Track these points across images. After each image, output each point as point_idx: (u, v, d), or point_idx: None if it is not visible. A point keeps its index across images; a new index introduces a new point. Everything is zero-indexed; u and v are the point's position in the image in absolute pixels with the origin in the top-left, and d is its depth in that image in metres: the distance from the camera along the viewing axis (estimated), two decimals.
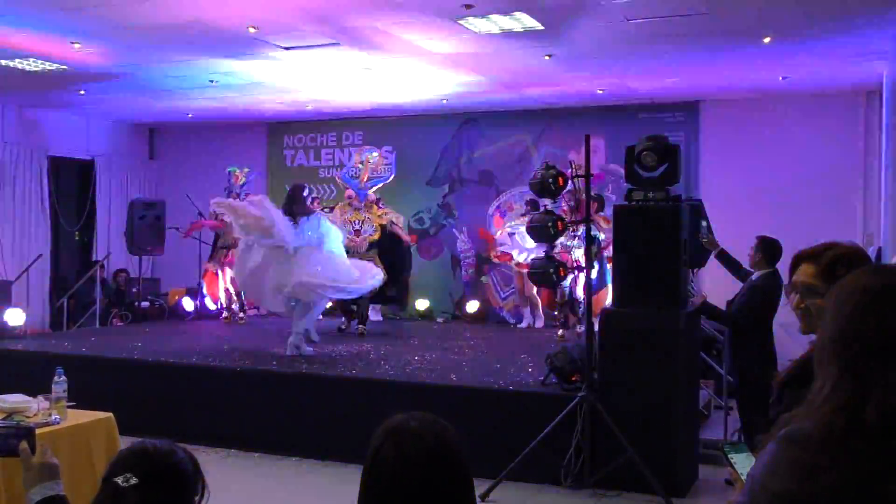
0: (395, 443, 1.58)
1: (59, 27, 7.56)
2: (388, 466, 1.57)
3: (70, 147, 12.68)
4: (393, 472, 1.56)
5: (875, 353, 1.25)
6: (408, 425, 1.61)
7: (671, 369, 5.77)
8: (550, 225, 6.75)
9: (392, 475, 1.56)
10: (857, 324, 1.28)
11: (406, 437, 1.59)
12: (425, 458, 1.56)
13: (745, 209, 9.75)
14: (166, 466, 1.74)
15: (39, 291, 11.92)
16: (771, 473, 1.27)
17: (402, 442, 1.58)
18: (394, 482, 1.56)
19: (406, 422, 1.62)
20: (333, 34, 7.70)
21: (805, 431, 1.26)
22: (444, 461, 1.58)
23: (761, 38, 7.65)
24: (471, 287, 11.90)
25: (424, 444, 1.58)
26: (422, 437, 1.59)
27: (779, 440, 1.29)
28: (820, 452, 1.22)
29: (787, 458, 1.26)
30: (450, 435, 1.62)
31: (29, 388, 4.57)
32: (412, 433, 1.59)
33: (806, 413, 1.30)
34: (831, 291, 1.38)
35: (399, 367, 7.30)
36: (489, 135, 11.93)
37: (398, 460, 1.56)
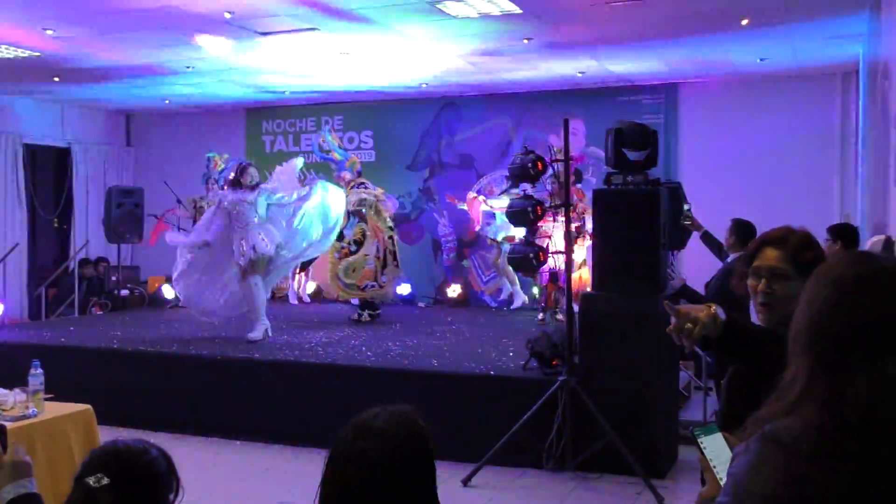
0: (358, 442, 1.58)
1: (32, 13, 7.45)
2: (351, 464, 1.57)
3: (45, 134, 12.53)
4: (353, 470, 1.57)
5: (846, 348, 1.21)
6: (373, 424, 1.61)
7: (651, 352, 5.80)
8: (530, 209, 6.77)
9: (352, 473, 1.57)
10: (828, 317, 1.25)
11: (370, 436, 1.59)
12: (386, 459, 1.56)
13: (723, 190, 9.80)
14: (138, 466, 1.73)
15: (17, 281, 11.81)
16: (756, 475, 1.24)
17: (365, 442, 1.58)
18: (353, 480, 1.57)
19: (373, 420, 1.62)
20: (310, 19, 7.64)
21: (791, 432, 1.22)
22: (405, 462, 1.58)
23: (739, 21, 7.67)
24: (452, 271, 11.90)
25: (387, 445, 1.57)
26: (385, 436, 1.58)
27: (762, 440, 1.26)
28: (807, 455, 1.20)
29: (772, 459, 1.23)
30: (416, 432, 1.62)
31: (6, 380, 4.53)
32: (377, 433, 1.59)
33: (783, 407, 1.27)
34: (808, 280, 1.34)
35: (380, 353, 7.30)
36: (469, 119, 11.90)
37: (358, 460, 1.57)
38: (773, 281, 2.27)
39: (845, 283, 1.26)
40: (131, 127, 14.05)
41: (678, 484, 5.78)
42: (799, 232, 2.33)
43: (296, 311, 10.42)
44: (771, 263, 2.28)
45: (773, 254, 2.29)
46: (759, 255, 2.31)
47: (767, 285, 2.28)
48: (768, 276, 2.28)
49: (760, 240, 2.37)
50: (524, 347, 6.53)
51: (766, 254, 2.30)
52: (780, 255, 2.28)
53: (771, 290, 2.27)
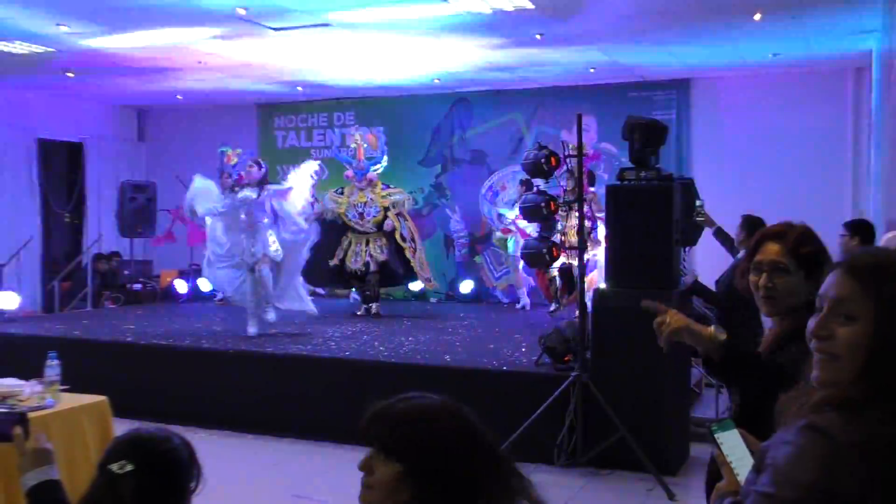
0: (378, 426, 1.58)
1: (46, 9, 7.49)
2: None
3: (59, 130, 12.60)
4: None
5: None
6: (392, 409, 1.61)
7: (661, 349, 5.78)
8: (543, 205, 6.77)
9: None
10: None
11: (386, 419, 1.58)
12: (406, 443, 1.55)
13: (736, 186, 9.76)
14: (161, 453, 1.74)
15: (31, 274, 11.89)
16: (798, 464, 1.26)
17: (383, 425, 1.57)
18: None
19: (389, 407, 1.61)
20: (323, 14, 7.65)
21: (836, 423, 1.26)
22: (423, 446, 1.56)
23: (752, 15, 7.63)
24: (464, 267, 11.91)
25: (404, 431, 1.56)
26: (403, 421, 1.57)
27: (806, 430, 1.28)
28: (851, 445, 1.23)
29: (816, 449, 1.25)
30: (440, 414, 1.60)
31: (22, 371, 4.56)
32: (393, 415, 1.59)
33: (826, 397, 1.30)
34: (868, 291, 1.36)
35: (392, 348, 7.32)
36: (481, 114, 11.90)
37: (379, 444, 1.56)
38: (774, 275, 2.32)
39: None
40: (144, 122, 14.11)
41: (690, 481, 5.77)
42: (798, 226, 2.37)
43: None
44: (771, 258, 2.33)
45: (773, 248, 2.33)
46: (759, 250, 2.36)
47: (768, 279, 2.32)
48: (769, 270, 2.33)
49: (760, 235, 2.41)
50: (536, 343, 6.53)
51: (767, 248, 2.35)
52: (779, 249, 2.33)
53: (772, 285, 2.32)
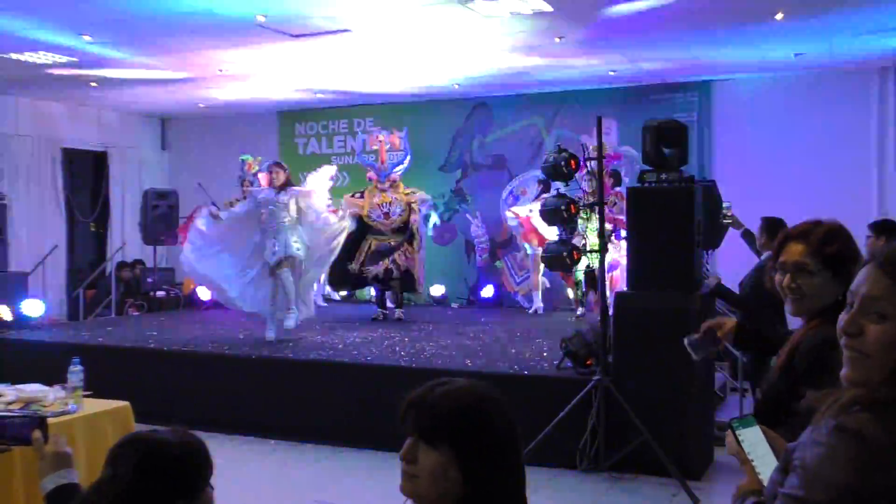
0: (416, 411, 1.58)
1: (70, 20, 7.57)
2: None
3: (83, 138, 12.74)
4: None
5: None
6: (431, 394, 1.60)
7: (684, 352, 5.72)
8: (563, 208, 6.74)
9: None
10: None
11: (426, 405, 1.57)
12: (442, 427, 1.54)
13: (758, 188, 9.66)
14: (161, 451, 1.72)
15: (56, 282, 12.02)
16: (830, 464, 1.25)
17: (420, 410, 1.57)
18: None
19: (428, 391, 1.60)
20: (343, 21, 7.68)
21: (869, 424, 1.24)
22: (463, 428, 1.55)
23: (773, 15, 7.57)
24: (485, 272, 11.88)
25: (437, 412, 1.55)
26: (439, 405, 1.57)
27: (837, 432, 1.26)
28: (885, 447, 1.21)
29: (848, 450, 1.24)
30: (477, 401, 1.59)
31: (47, 377, 4.60)
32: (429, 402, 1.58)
33: (856, 396, 1.28)
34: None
35: (413, 353, 7.31)
36: (501, 119, 11.89)
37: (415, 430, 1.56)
38: (798, 275, 2.26)
39: None
40: (166, 131, 14.23)
41: (714, 485, 5.71)
42: (825, 224, 2.30)
43: (328, 312, 10.48)
44: (794, 258, 2.27)
45: (796, 248, 2.28)
46: (784, 251, 2.30)
47: (792, 280, 2.27)
48: (792, 270, 2.27)
49: (784, 234, 2.36)
50: (558, 347, 6.50)
51: (790, 248, 2.29)
52: (803, 250, 2.27)
53: (796, 285, 2.26)
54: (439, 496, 1.53)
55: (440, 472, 1.53)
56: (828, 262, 2.24)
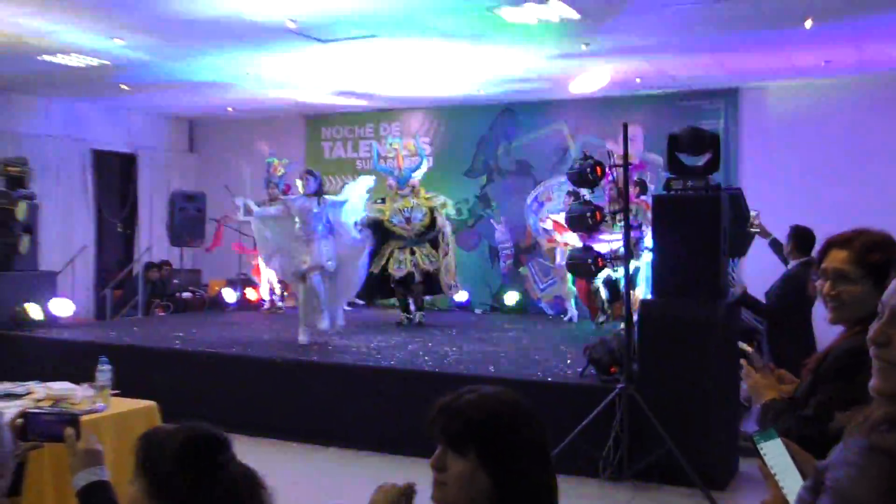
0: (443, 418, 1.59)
1: (103, 23, 7.67)
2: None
3: (112, 141, 12.89)
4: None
5: None
6: (458, 401, 1.60)
7: (711, 361, 5.71)
8: (589, 215, 6.73)
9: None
10: None
11: (454, 413, 1.57)
12: (464, 434, 1.54)
13: (786, 197, 9.58)
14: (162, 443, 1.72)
15: (84, 282, 12.16)
16: (862, 484, 1.24)
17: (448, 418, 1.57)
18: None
19: (456, 398, 1.61)
20: (371, 26, 7.72)
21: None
22: (487, 436, 1.55)
23: (803, 22, 7.51)
24: (509, 278, 11.87)
25: (463, 419, 1.56)
26: (465, 412, 1.57)
27: (870, 451, 1.25)
28: None
29: (881, 470, 1.23)
30: (504, 408, 1.59)
31: (75, 376, 4.66)
32: (456, 409, 1.59)
33: (887, 414, 1.27)
34: None
35: (437, 358, 7.32)
36: (526, 125, 11.89)
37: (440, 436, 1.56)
38: (838, 283, 2.23)
39: None
40: (194, 133, 14.37)
41: (738, 497, 5.67)
42: (870, 233, 2.26)
43: (353, 315, 10.52)
44: (836, 265, 2.24)
45: (838, 255, 2.25)
46: (826, 257, 2.27)
47: (832, 287, 2.24)
48: (833, 277, 2.24)
49: (827, 242, 2.33)
50: (582, 354, 6.48)
51: (832, 255, 2.26)
52: (845, 257, 2.24)
53: (836, 293, 2.23)
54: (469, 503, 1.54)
55: (469, 479, 1.53)
56: (870, 271, 2.20)
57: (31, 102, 11.62)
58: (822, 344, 5.86)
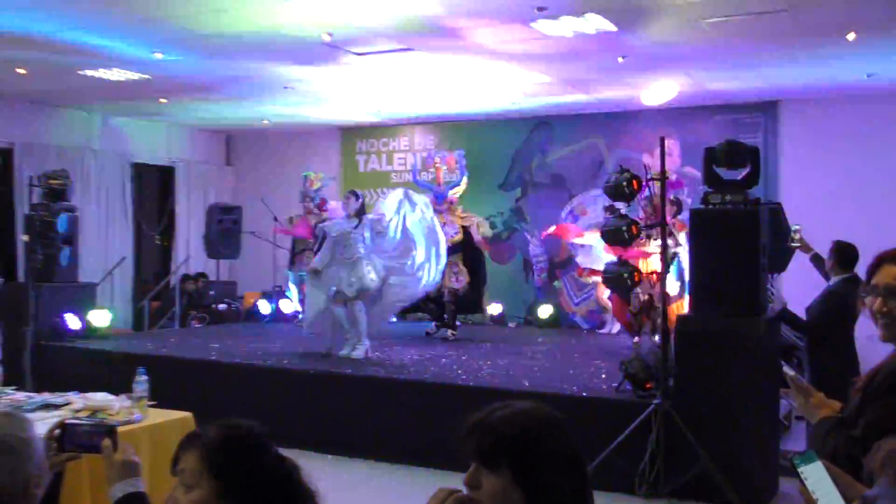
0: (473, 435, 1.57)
1: (144, 38, 7.79)
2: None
3: (151, 153, 13.08)
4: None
5: None
6: (490, 417, 1.59)
7: (749, 377, 5.61)
8: (625, 229, 6.66)
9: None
10: None
11: (486, 429, 1.56)
12: (497, 450, 1.53)
13: (827, 212, 9.41)
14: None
15: (123, 293, 12.32)
16: None
17: (480, 435, 1.56)
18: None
19: (488, 414, 1.59)
20: (406, 39, 7.75)
21: None
22: (520, 452, 1.54)
23: (845, 35, 7.40)
24: (543, 292, 11.81)
25: (496, 435, 1.55)
26: (497, 429, 1.56)
27: None
28: None
29: None
30: (536, 423, 1.58)
31: (113, 386, 4.71)
32: (488, 426, 1.57)
33: None
34: None
35: (471, 372, 7.28)
36: (561, 138, 11.84)
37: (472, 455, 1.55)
38: (890, 298, 2.18)
39: None
40: (231, 146, 14.53)
41: None
42: None
43: (385, 329, 10.52)
44: (887, 281, 2.20)
45: (891, 271, 2.20)
46: (876, 272, 2.23)
47: (884, 303, 2.19)
48: (885, 294, 2.19)
49: (879, 257, 2.28)
50: (617, 369, 6.41)
51: (884, 271, 2.22)
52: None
53: (887, 309, 2.18)
54: None
55: (502, 495, 1.51)
56: None
57: (73, 116, 11.84)
58: (864, 361, 5.77)
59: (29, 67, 8.95)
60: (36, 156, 11.15)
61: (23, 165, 10.96)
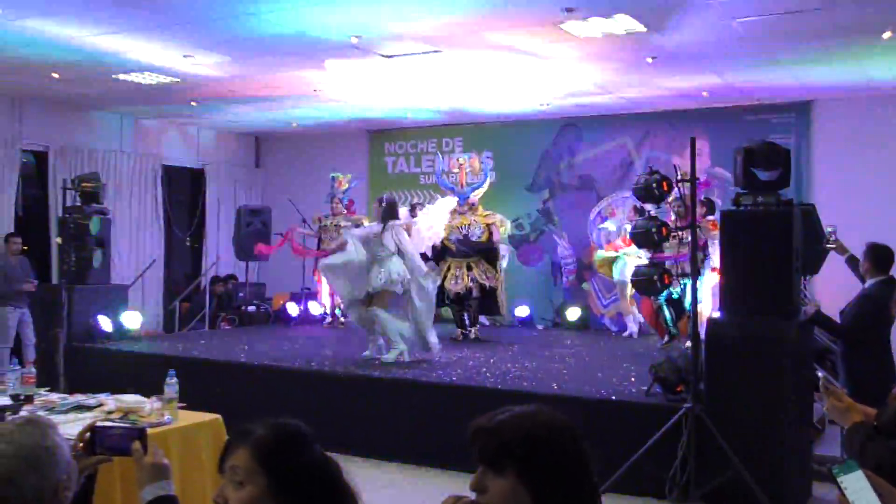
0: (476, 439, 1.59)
1: (174, 41, 7.87)
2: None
3: (182, 156, 13.20)
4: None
5: None
6: (494, 420, 1.60)
7: (782, 381, 5.53)
8: (654, 230, 6.61)
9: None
10: None
11: (490, 433, 1.58)
12: (495, 454, 1.55)
13: (861, 214, 9.27)
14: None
15: (154, 295, 12.44)
16: None
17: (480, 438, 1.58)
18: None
19: (492, 418, 1.61)
20: (434, 41, 7.75)
21: None
22: (527, 455, 1.54)
23: (880, 34, 7.28)
24: (571, 294, 11.75)
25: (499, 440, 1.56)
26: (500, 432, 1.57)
27: None
28: None
29: None
30: (539, 425, 1.58)
31: (143, 388, 4.75)
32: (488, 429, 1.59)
33: None
34: None
35: (499, 374, 7.26)
36: (590, 139, 11.78)
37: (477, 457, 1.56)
38: None
39: None
40: (260, 149, 14.62)
41: None
42: None
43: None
44: None
45: None
46: None
47: None
48: None
49: None
50: (647, 372, 6.36)
51: None
52: None
53: None
54: None
55: (509, 498, 1.53)
56: None
57: (106, 119, 11.98)
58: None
59: (63, 72, 9.07)
60: (69, 159, 11.30)
61: (57, 169, 11.11)
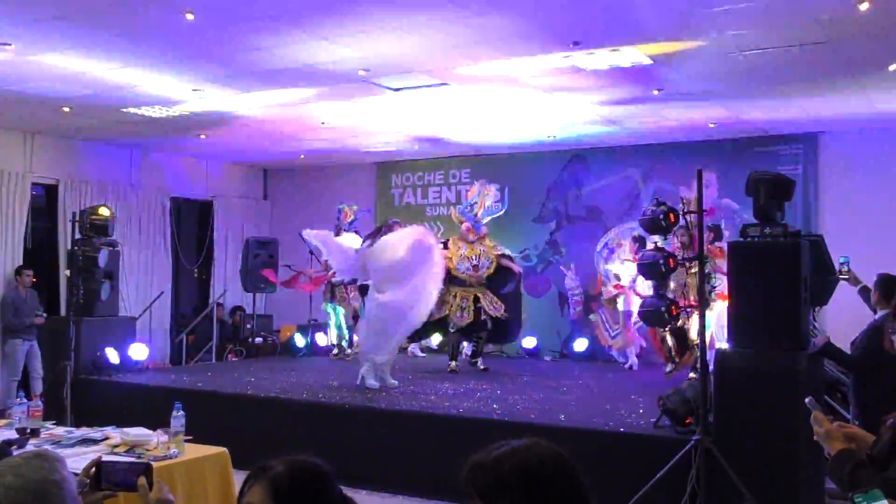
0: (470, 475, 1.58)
1: (183, 75, 7.94)
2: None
3: (190, 188, 13.27)
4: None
5: None
6: (490, 456, 1.59)
7: (792, 412, 5.48)
8: (661, 262, 6.60)
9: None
10: None
11: (483, 467, 1.57)
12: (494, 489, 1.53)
13: (869, 245, 9.22)
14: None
15: (161, 327, 12.44)
16: None
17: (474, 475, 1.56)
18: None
19: (488, 453, 1.60)
20: (442, 74, 7.81)
21: None
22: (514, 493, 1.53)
23: (886, 66, 7.31)
24: (578, 325, 11.71)
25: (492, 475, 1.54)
26: (493, 468, 1.56)
27: None
28: None
29: None
30: (534, 460, 1.57)
31: (149, 420, 4.73)
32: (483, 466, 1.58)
33: None
34: None
35: (506, 406, 7.22)
36: (597, 171, 11.81)
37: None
38: None
39: None
40: (268, 181, 14.69)
41: None
42: None
43: (421, 362, 10.49)
44: None
45: None
46: None
47: None
48: None
49: None
50: (655, 404, 6.31)
51: None
52: None
53: None
54: None
55: None
56: None
57: (116, 152, 12.07)
58: None
59: (74, 106, 9.16)
60: (78, 191, 11.37)
61: (66, 201, 11.18)
